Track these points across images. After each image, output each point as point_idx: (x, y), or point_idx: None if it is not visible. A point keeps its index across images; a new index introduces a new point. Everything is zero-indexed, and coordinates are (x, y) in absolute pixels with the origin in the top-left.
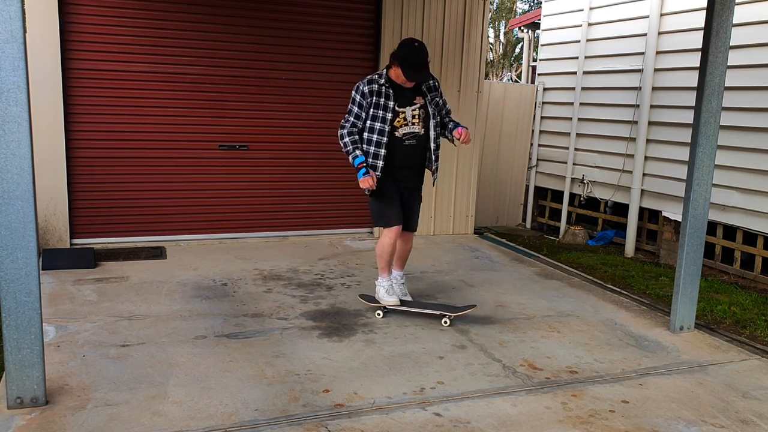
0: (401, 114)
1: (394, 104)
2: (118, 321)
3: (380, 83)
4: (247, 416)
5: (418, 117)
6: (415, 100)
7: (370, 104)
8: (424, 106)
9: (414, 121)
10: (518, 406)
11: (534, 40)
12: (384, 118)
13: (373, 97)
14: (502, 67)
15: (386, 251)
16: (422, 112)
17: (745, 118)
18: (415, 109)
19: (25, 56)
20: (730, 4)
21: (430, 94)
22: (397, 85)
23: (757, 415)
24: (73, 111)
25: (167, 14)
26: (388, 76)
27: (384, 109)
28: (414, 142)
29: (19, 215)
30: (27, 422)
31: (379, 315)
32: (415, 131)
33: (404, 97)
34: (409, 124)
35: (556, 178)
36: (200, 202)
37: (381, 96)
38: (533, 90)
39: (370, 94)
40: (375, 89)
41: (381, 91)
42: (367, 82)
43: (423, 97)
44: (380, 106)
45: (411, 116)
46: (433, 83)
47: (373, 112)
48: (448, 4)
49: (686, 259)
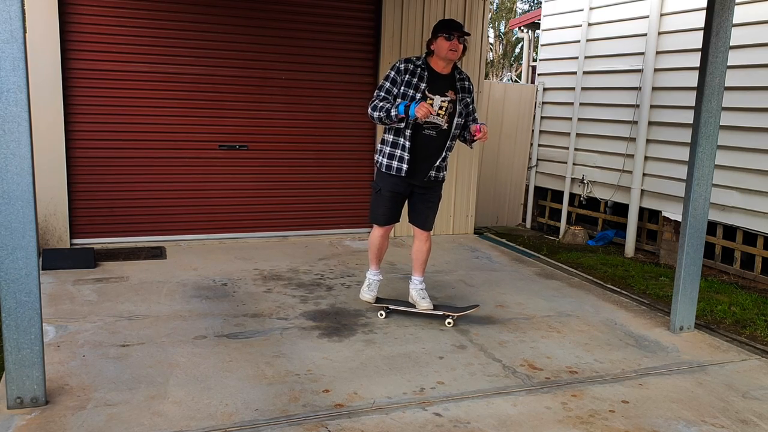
0: (429, 100)
1: (426, 87)
2: (118, 321)
3: (417, 63)
4: (247, 416)
5: (444, 110)
6: (447, 92)
7: (403, 81)
8: (454, 101)
9: (440, 112)
10: (518, 406)
11: (534, 40)
12: (413, 98)
13: (407, 75)
14: (502, 67)
15: (374, 244)
16: (450, 107)
17: (745, 118)
18: (445, 100)
19: (25, 56)
20: (730, 4)
21: (463, 93)
22: (433, 72)
23: (757, 415)
24: (73, 111)
25: (167, 14)
26: (426, 61)
27: (415, 89)
28: (433, 134)
29: (19, 215)
30: (27, 422)
31: (381, 315)
32: (438, 123)
33: (438, 85)
34: (435, 115)
35: (556, 178)
36: (200, 202)
37: (415, 76)
38: (533, 90)
39: (405, 71)
40: (410, 68)
41: (416, 71)
42: (404, 61)
43: (455, 92)
44: (411, 85)
45: (438, 106)
46: (469, 85)
47: (404, 90)
48: (448, 4)
49: (686, 259)
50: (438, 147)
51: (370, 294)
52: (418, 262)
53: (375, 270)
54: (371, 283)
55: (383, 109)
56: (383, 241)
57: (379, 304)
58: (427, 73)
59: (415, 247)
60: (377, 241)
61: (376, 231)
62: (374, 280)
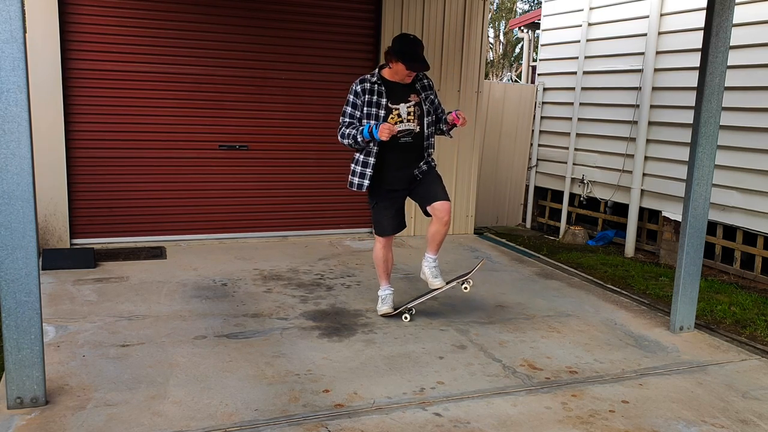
0: (395, 111)
1: (387, 101)
2: (118, 321)
3: (372, 81)
4: (247, 416)
5: (413, 114)
6: (409, 97)
7: (364, 102)
8: (419, 104)
9: (410, 117)
10: (518, 406)
11: (534, 40)
12: (377, 116)
13: (366, 95)
14: (502, 67)
15: (379, 257)
16: (417, 110)
17: (745, 118)
18: (410, 106)
19: (25, 56)
20: (730, 4)
21: (425, 92)
22: (390, 83)
23: (757, 415)
24: (73, 111)
25: (167, 14)
26: (381, 75)
27: (377, 107)
28: (410, 140)
29: (19, 215)
30: (27, 422)
31: (406, 319)
32: (410, 128)
33: (398, 95)
34: (404, 121)
35: (556, 178)
36: (200, 202)
37: (374, 94)
38: (533, 90)
39: (363, 92)
40: (367, 87)
41: (374, 89)
42: (359, 82)
43: (417, 95)
44: (373, 104)
45: (406, 113)
46: (428, 82)
47: (367, 110)
48: (448, 4)
49: (686, 259)
50: (418, 150)
51: (386, 306)
52: (435, 242)
53: (386, 285)
54: (385, 298)
55: (350, 136)
56: (387, 252)
57: (399, 311)
58: (384, 87)
59: (433, 230)
60: (381, 254)
61: (378, 243)
62: (386, 294)
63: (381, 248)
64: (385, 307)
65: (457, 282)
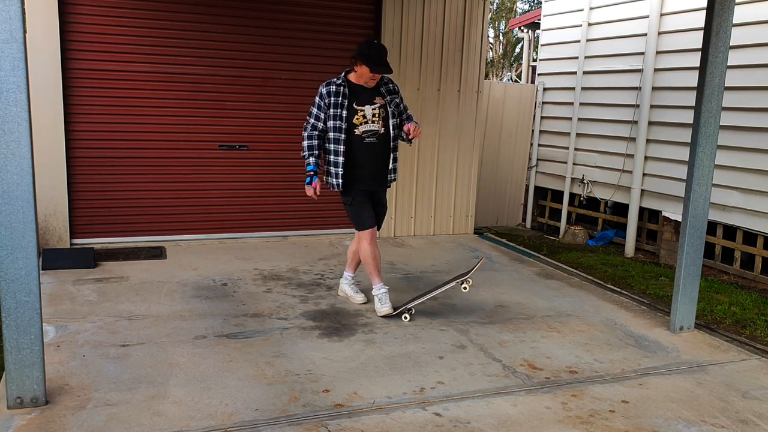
0: (360, 112)
1: (351, 103)
2: (118, 321)
3: (337, 83)
4: (247, 416)
5: (377, 116)
6: (374, 99)
7: (329, 104)
8: (384, 106)
9: (374, 119)
10: (518, 406)
11: (534, 40)
12: (341, 116)
13: (331, 98)
14: (502, 67)
15: (367, 256)
16: (382, 111)
17: (745, 118)
18: (375, 108)
19: (25, 56)
20: (730, 4)
21: (390, 95)
22: (355, 86)
23: (757, 415)
24: (73, 111)
25: (167, 14)
26: (346, 78)
27: (341, 108)
28: (374, 140)
29: (19, 215)
30: (27, 422)
31: (406, 319)
32: (375, 129)
33: (363, 97)
34: (369, 122)
35: (556, 178)
36: (200, 202)
37: (339, 96)
38: (533, 90)
39: (327, 94)
40: (333, 90)
41: (339, 91)
42: (325, 84)
43: (382, 98)
44: (338, 106)
45: (371, 114)
46: (393, 87)
47: (332, 111)
48: (448, 4)
49: (686, 259)
50: (384, 150)
51: (386, 306)
52: (355, 263)
53: (379, 283)
54: (382, 297)
55: (304, 151)
56: (375, 248)
57: (399, 311)
58: (349, 89)
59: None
60: (370, 250)
61: (365, 240)
62: (382, 293)
63: (368, 245)
64: (385, 308)
65: (456, 282)
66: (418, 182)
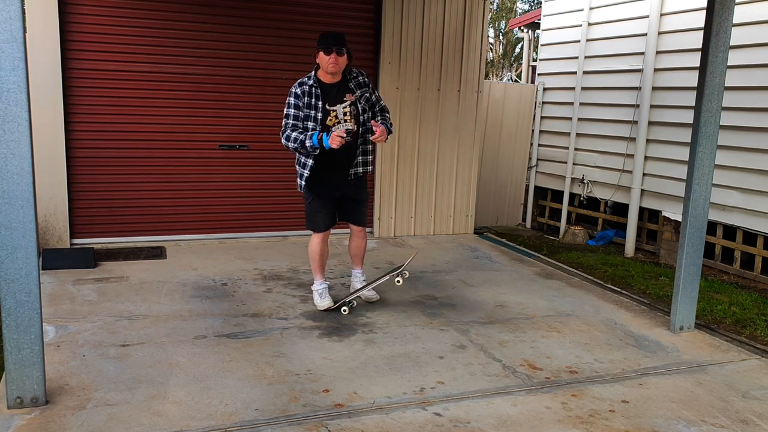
0: (332, 112)
1: (323, 103)
2: (118, 321)
3: (309, 84)
4: (247, 416)
5: (349, 114)
6: (345, 97)
7: (304, 104)
8: (354, 103)
9: (346, 118)
10: (518, 406)
11: (534, 40)
12: (315, 118)
13: (306, 98)
14: (502, 67)
15: (315, 252)
16: (353, 109)
17: (745, 117)
18: (346, 106)
19: (25, 56)
20: (730, 4)
21: (360, 89)
22: (326, 86)
23: (757, 415)
24: (73, 111)
25: (167, 14)
26: (316, 77)
27: (314, 109)
28: (349, 139)
29: (19, 215)
30: (27, 422)
31: (345, 312)
32: (349, 128)
33: (334, 96)
34: (342, 122)
35: (556, 178)
36: (200, 202)
37: (312, 96)
38: (533, 90)
39: (302, 94)
40: (306, 90)
41: (311, 91)
42: (297, 85)
43: (352, 93)
44: (311, 107)
45: (342, 113)
46: (363, 79)
47: (305, 112)
48: (448, 4)
49: (686, 258)
50: (353, 148)
51: (326, 300)
52: (357, 258)
53: (320, 280)
54: (322, 292)
55: (297, 140)
56: (324, 246)
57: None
58: (321, 89)
59: (353, 244)
60: (318, 248)
61: (316, 238)
62: (323, 288)
63: (318, 243)
64: (325, 302)
65: (390, 275)
66: (418, 182)
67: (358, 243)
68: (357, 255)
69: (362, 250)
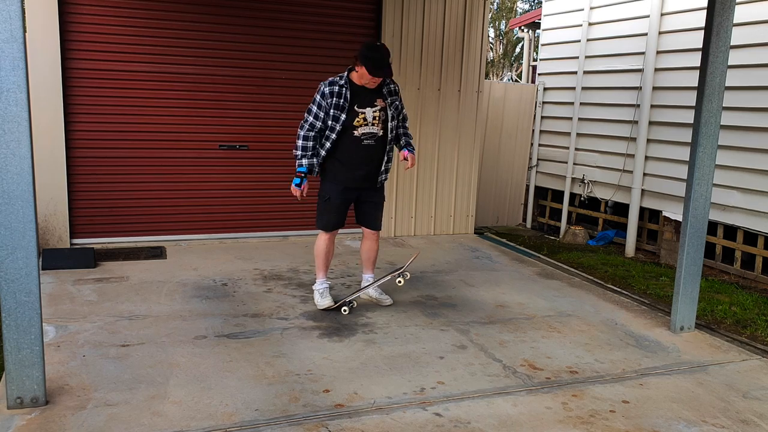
0: (361, 114)
1: (353, 105)
2: (118, 321)
3: (340, 84)
4: (248, 416)
5: (377, 119)
6: (375, 102)
7: (331, 105)
8: (384, 108)
9: (374, 122)
10: (518, 406)
11: (534, 40)
12: (339, 119)
13: (333, 98)
14: (503, 67)
15: (320, 251)
16: (382, 114)
17: (745, 117)
18: (376, 110)
19: (25, 56)
20: (730, 3)
21: (390, 97)
22: (357, 87)
23: (757, 415)
24: (73, 111)
25: (167, 14)
26: (348, 78)
27: (341, 110)
28: (373, 143)
29: (19, 215)
30: (27, 422)
31: (345, 312)
32: (374, 132)
33: (365, 99)
34: (369, 125)
35: (557, 178)
36: (200, 202)
37: (341, 97)
38: (533, 90)
39: (330, 94)
40: (335, 90)
41: (341, 92)
42: (328, 84)
43: (383, 100)
44: (339, 107)
45: (371, 117)
46: (394, 87)
47: (333, 112)
48: (448, 4)
49: (687, 259)
50: (379, 152)
51: (327, 300)
52: (369, 261)
53: (322, 279)
54: (323, 291)
55: (297, 151)
56: (330, 245)
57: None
58: (351, 91)
59: (365, 247)
60: (324, 247)
61: (323, 236)
62: (325, 287)
63: (325, 241)
64: (326, 301)
65: (391, 276)
66: (418, 182)
67: (370, 246)
68: (369, 259)
69: (375, 253)
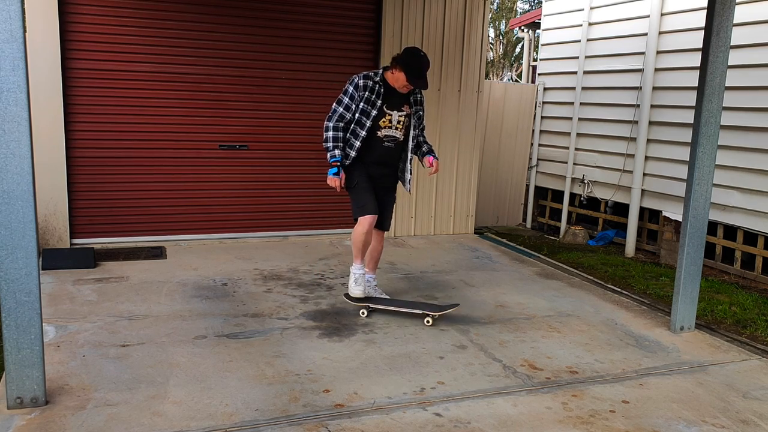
0: (388, 116)
1: (383, 104)
2: (118, 321)
3: (375, 80)
4: (248, 416)
5: (402, 123)
6: (403, 107)
7: (362, 98)
8: (409, 115)
9: (398, 126)
10: (518, 406)
11: (534, 40)
12: (369, 114)
13: (366, 92)
14: (503, 67)
15: (360, 238)
16: (406, 120)
17: (745, 117)
18: (402, 115)
19: (25, 56)
20: (730, 3)
21: (416, 106)
22: (389, 88)
23: (757, 415)
24: (73, 111)
25: (167, 14)
26: (383, 77)
27: (372, 106)
28: (392, 146)
29: (19, 215)
30: (27, 422)
31: (363, 314)
32: (396, 136)
33: (394, 101)
34: (393, 128)
35: (557, 178)
36: (200, 202)
37: (373, 93)
38: (533, 90)
39: (364, 88)
40: (369, 85)
41: (375, 88)
42: (363, 77)
43: (410, 107)
44: (370, 102)
45: (396, 121)
46: (421, 98)
47: (363, 106)
48: (448, 4)
49: (687, 259)
50: (397, 155)
51: (359, 288)
52: (373, 261)
53: (360, 264)
54: (358, 278)
55: (328, 143)
56: (369, 236)
57: (363, 303)
58: (384, 90)
59: (370, 246)
60: (363, 237)
61: (361, 225)
62: (360, 273)
63: (364, 231)
64: (359, 290)
65: (423, 311)
66: (418, 182)
67: (375, 246)
68: (373, 258)
69: (378, 254)
